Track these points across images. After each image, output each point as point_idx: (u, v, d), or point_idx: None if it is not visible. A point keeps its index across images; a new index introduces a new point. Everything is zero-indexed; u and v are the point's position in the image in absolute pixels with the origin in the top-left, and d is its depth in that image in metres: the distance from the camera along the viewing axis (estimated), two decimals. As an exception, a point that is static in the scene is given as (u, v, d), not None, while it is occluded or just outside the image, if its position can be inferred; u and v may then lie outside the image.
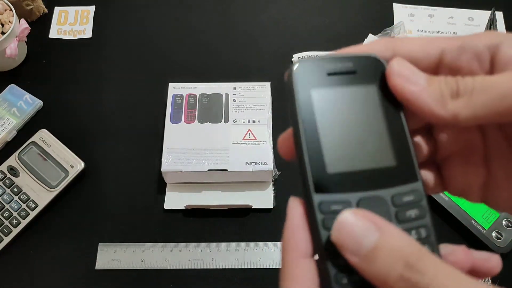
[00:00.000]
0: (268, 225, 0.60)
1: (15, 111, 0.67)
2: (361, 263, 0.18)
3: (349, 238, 0.18)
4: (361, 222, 0.18)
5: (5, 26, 0.65)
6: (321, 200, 0.20)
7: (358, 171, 0.21)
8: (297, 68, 0.22)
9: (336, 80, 0.22)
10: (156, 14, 0.76)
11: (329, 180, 0.20)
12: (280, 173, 0.62)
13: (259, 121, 0.62)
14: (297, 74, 0.22)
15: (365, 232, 0.18)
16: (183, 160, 0.59)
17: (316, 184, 0.20)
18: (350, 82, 0.22)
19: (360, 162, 0.21)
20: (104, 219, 0.61)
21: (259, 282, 0.57)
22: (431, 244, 0.20)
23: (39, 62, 0.72)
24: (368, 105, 0.22)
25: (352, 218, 0.19)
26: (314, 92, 0.21)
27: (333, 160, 0.21)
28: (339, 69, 0.22)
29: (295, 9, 0.76)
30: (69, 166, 0.61)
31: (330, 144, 0.21)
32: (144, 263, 0.58)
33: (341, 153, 0.21)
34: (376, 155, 0.21)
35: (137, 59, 0.72)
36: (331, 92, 0.22)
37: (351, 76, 0.22)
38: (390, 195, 0.20)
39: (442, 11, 0.75)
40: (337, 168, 0.20)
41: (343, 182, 0.20)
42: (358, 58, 0.22)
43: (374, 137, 0.21)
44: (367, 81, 0.22)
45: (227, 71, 0.71)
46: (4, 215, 0.59)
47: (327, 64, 0.22)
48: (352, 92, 0.22)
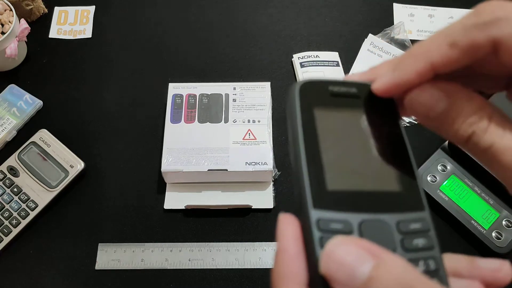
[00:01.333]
0: (268, 225, 0.60)
1: (15, 111, 0.67)
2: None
3: (340, 269, 0.16)
4: (353, 250, 0.17)
5: (5, 26, 0.65)
6: (319, 217, 0.18)
7: (360, 191, 0.19)
8: (302, 85, 0.21)
9: (339, 101, 0.21)
10: (156, 14, 0.76)
11: (329, 197, 0.19)
12: (280, 173, 0.62)
13: (259, 121, 0.62)
14: (301, 91, 0.21)
15: (358, 261, 0.16)
16: (183, 160, 0.59)
17: (315, 199, 0.19)
18: (353, 105, 0.22)
19: (363, 182, 0.20)
20: (104, 219, 0.61)
21: (259, 282, 0.57)
22: (441, 279, 0.18)
23: (39, 62, 0.72)
24: (371, 129, 0.21)
25: (342, 246, 0.17)
26: (317, 110, 0.21)
27: (334, 177, 0.19)
28: (343, 92, 0.22)
29: (295, 9, 0.76)
30: (69, 166, 0.61)
31: (331, 161, 0.20)
32: (144, 263, 0.58)
33: (343, 172, 0.20)
34: (380, 178, 0.20)
35: (137, 59, 0.72)
36: (333, 112, 0.21)
37: (354, 100, 0.22)
38: (395, 220, 0.19)
39: (442, 11, 0.75)
40: (338, 186, 0.19)
41: (344, 201, 0.19)
42: (362, 85, 0.22)
43: (378, 160, 0.20)
44: (370, 107, 0.22)
45: (227, 71, 0.71)
46: (4, 215, 0.59)
47: (331, 85, 0.22)
48: (354, 115, 0.21)
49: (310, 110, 0.21)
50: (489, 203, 0.57)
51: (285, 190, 0.62)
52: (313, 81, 0.22)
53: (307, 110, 0.21)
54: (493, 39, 0.18)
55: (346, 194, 0.19)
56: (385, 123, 0.21)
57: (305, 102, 0.21)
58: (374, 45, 0.70)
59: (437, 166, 0.60)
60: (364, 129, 0.21)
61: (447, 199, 0.58)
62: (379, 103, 0.22)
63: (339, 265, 0.17)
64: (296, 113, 0.21)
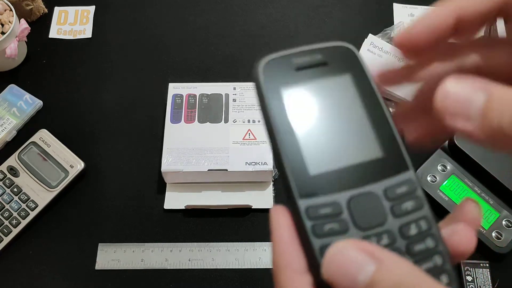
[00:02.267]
0: (268, 225, 0.60)
1: (15, 111, 0.67)
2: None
3: (342, 275, 0.16)
4: (353, 255, 0.16)
5: (5, 26, 0.65)
6: (307, 205, 0.18)
7: (343, 168, 0.19)
8: (262, 66, 0.20)
9: (306, 74, 0.20)
10: (156, 14, 0.76)
11: (313, 183, 0.19)
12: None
13: (259, 121, 0.62)
14: (263, 73, 0.20)
15: (360, 266, 0.16)
16: (183, 160, 0.59)
17: (300, 189, 0.19)
18: (322, 75, 0.20)
19: (344, 158, 0.19)
20: (104, 219, 0.61)
21: (259, 282, 0.57)
22: (434, 237, 0.19)
23: (39, 62, 0.72)
24: (344, 96, 0.20)
25: (343, 252, 0.17)
26: (284, 90, 0.20)
27: (314, 161, 0.19)
28: (308, 63, 0.20)
29: (295, 9, 0.76)
30: (69, 166, 0.61)
31: (309, 144, 0.19)
32: (144, 263, 0.58)
33: (322, 152, 0.19)
34: (360, 148, 0.19)
35: (137, 59, 0.72)
36: (302, 88, 0.20)
37: (322, 69, 0.20)
38: (382, 188, 0.19)
39: (442, 11, 0.75)
40: (320, 168, 0.19)
41: (328, 183, 0.19)
42: (326, 49, 0.21)
43: (355, 130, 0.20)
44: (339, 72, 0.21)
45: (227, 71, 0.71)
46: (4, 215, 0.59)
47: (295, 58, 0.21)
48: (325, 85, 0.20)
49: (277, 91, 0.20)
50: (489, 203, 0.57)
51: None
52: (275, 58, 0.21)
53: (274, 92, 0.20)
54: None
55: (329, 174, 0.19)
56: (357, 86, 0.20)
57: (270, 84, 0.20)
58: (374, 45, 0.70)
59: (437, 166, 0.60)
60: (336, 99, 0.20)
61: (447, 199, 0.58)
62: (347, 65, 0.21)
63: (340, 271, 0.17)
64: (264, 99, 0.20)
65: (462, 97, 0.17)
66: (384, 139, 0.20)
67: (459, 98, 0.17)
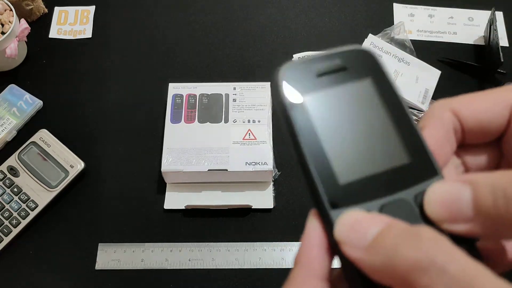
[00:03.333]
0: (268, 225, 0.60)
1: (15, 111, 0.67)
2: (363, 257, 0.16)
3: (352, 230, 0.17)
4: (364, 214, 0.17)
5: (5, 26, 0.65)
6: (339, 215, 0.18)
7: (373, 175, 0.19)
8: (282, 76, 0.20)
9: (327, 80, 0.20)
10: (156, 14, 0.76)
11: (343, 193, 0.18)
12: (280, 173, 0.62)
13: (259, 121, 0.62)
14: (284, 84, 0.20)
15: (369, 222, 0.17)
16: (183, 160, 0.59)
17: (331, 200, 0.18)
18: (343, 80, 0.20)
19: (372, 165, 0.19)
20: (104, 219, 0.61)
21: (259, 282, 0.57)
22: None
23: (39, 62, 0.72)
24: (366, 101, 0.20)
25: (357, 213, 0.17)
26: (306, 98, 0.20)
27: (343, 169, 0.19)
28: (328, 68, 0.20)
29: (295, 9, 0.76)
30: (69, 166, 0.61)
31: (336, 152, 0.19)
32: (144, 263, 0.58)
33: (350, 160, 0.19)
34: (387, 155, 0.19)
35: (137, 59, 0.72)
36: (324, 94, 0.20)
37: (342, 74, 0.20)
38: (413, 194, 0.18)
39: (442, 11, 0.75)
40: (350, 177, 0.19)
41: (359, 191, 0.18)
42: (345, 53, 0.21)
43: (381, 136, 0.19)
44: (360, 76, 0.20)
45: (227, 71, 0.71)
46: (4, 215, 0.59)
47: (314, 65, 0.20)
48: (346, 90, 0.20)
49: (300, 99, 0.20)
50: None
51: (285, 190, 0.62)
52: (294, 65, 0.20)
53: (297, 100, 0.20)
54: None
55: (359, 183, 0.19)
56: (378, 91, 0.20)
57: (292, 92, 0.20)
58: (374, 45, 0.70)
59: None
60: (359, 105, 0.20)
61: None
62: (368, 69, 0.20)
63: (351, 227, 0.17)
64: (286, 107, 0.20)
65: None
66: (410, 144, 0.19)
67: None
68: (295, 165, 0.63)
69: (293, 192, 0.62)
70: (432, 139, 0.20)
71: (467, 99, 0.20)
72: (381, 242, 0.16)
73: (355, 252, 0.17)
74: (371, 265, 0.16)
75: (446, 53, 0.71)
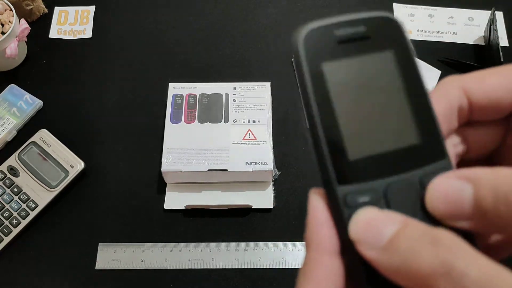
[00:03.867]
0: (268, 225, 0.60)
1: (15, 111, 0.67)
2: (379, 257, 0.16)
3: (367, 229, 0.17)
4: (379, 214, 0.17)
5: (5, 26, 0.65)
6: (346, 192, 0.18)
7: (382, 153, 0.18)
8: (303, 38, 0.19)
9: (348, 48, 0.19)
10: (156, 14, 0.76)
11: (352, 169, 0.18)
12: (280, 173, 0.62)
13: (259, 121, 0.62)
14: (303, 46, 0.19)
15: (385, 221, 0.17)
16: (183, 160, 0.59)
17: (339, 175, 0.18)
18: (365, 50, 0.19)
19: (383, 143, 0.19)
20: (104, 219, 0.61)
21: (259, 282, 0.57)
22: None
23: (39, 62, 0.72)
24: (386, 75, 0.19)
25: (369, 212, 0.17)
26: (325, 65, 0.19)
27: (354, 145, 0.18)
28: (351, 35, 0.19)
29: (295, 9, 0.76)
30: (69, 166, 0.61)
31: (350, 127, 0.18)
32: (144, 263, 0.58)
33: (363, 136, 0.18)
34: (399, 134, 0.19)
35: (137, 59, 0.72)
36: (344, 63, 0.19)
37: (365, 42, 0.19)
38: (418, 177, 0.18)
39: (442, 11, 0.75)
40: (360, 153, 0.18)
41: (368, 169, 0.18)
42: (371, 20, 0.20)
43: (396, 113, 0.19)
44: (383, 47, 0.19)
45: (227, 71, 0.71)
46: (4, 215, 0.59)
47: (337, 30, 0.20)
48: (367, 61, 0.19)
49: (318, 66, 0.19)
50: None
51: (285, 190, 0.62)
52: (315, 28, 0.19)
53: (315, 67, 0.19)
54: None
55: (368, 160, 0.18)
56: (400, 65, 0.19)
57: (311, 57, 0.19)
58: (374, 45, 0.70)
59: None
60: (378, 79, 0.19)
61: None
62: (391, 40, 0.20)
63: (366, 226, 0.17)
64: (303, 73, 0.19)
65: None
66: (424, 124, 0.19)
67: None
68: (295, 165, 0.63)
69: (293, 192, 0.62)
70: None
71: (478, 75, 0.20)
72: (399, 243, 0.16)
73: (371, 252, 0.16)
74: (388, 265, 0.16)
75: (446, 53, 0.71)
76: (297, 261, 0.58)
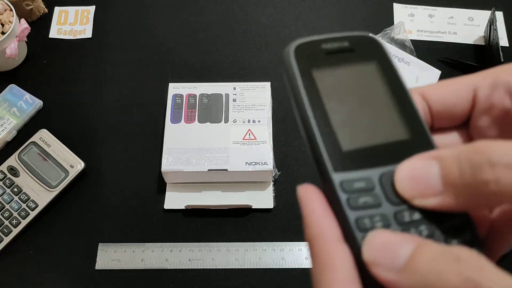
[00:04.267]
0: (268, 225, 0.60)
1: (15, 111, 0.67)
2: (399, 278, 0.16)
3: (382, 251, 0.17)
4: (393, 234, 0.17)
5: (5, 26, 0.65)
6: (342, 179, 0.19)
7: (374, 146, 0.20)
8: (293, 49, 0.21)
9: (335, 58, 0.22)
10: (156, 14, 0.76)
11: (346, 158, 0.19)
12: (280, 173, 0.62)
13: (259, 121, 0.62)
14: (294, 55, 0.21)
15: (400, 242, 0.16)
16: (183, 160, 0.59)
17: (334, 163, 0.19)
18: (350, 60, 0.22)
19: (374, 137, 0.20)
20: (104, 219, 0.61)
21: (259, 282, 0.57)
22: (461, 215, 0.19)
23: (39, 62, 0.72)
24: (371, 80, 0.21)
25: (383, 233, 0.17)
26: (314, 71, 0.21)
27: (346, 138, 0.20)
28: (336, 49, 0.22)
29: (295, 9, 0.76)
30: (69, 166, 0.61)
31: (341, 122, 0.20)
32: (144, 263, 0.58)
33: (353, 130, 0.20)
34: (388, 129, 0.20)
35: (137, 59, 0.72)
36: (332, 70, 0.21)
37: (349, 54, 0.22)
38: None
39: (442, 11, 0.75)
40: (352, 145, 0.20)
41: (360, 159, 0.19)
42: (353, 37, 0.22)
43: (384, 112, 0.21)
44: (366, 58, 0.22)
45: (227, 71, 0.71)
46: (4, 215, 0.59)
47: (324, 43, 0.22)
48: (353, 69, 0.22)
49: (309, 73, 0.21)
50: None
51: (285, 190, 0.62)
52: (305, 42, 0.22)
53: (306, 73, 0.21)
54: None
55: (360, 151, 0.20)
56: (383, 72, 0.22)
57: (302, 65, 0.21)
58: (374, 45, 0.70)
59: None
60: (365, 83, 0.21)
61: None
62: (373, 53, 0.22)
63: (381, 248, 0.17)
64: (296, 78, 0.21)
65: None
66: (410, 121, 0.20)
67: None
68: (295, 165, 0.63)
69: (293, 192, 0.62)
70: None
71: (435, 84, 0.22)
72: (418, 264, 0.16)
73: (388, 274, 0.16)
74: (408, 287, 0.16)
75: (446, 53, 0.71)
76: (297, 261, 0.58)
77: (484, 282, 0.14)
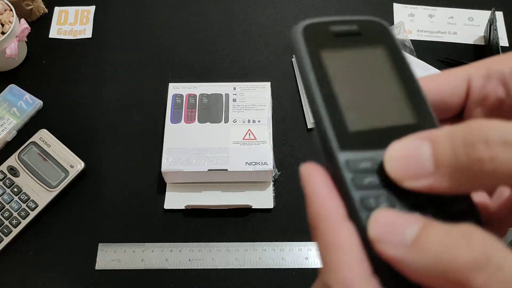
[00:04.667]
0: (268, 225, 0.60)
1: (15, 111, 0.67)
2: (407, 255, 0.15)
3: (389, 229, 0.16)
4: (400, 214, 0.17)
5: (5, 26, 0.65)
6: (347, 158, 0.19)
7: (380, 128, 0.20)
8: (301, 29, 0.21)
9: (343, 40, 0.22)
10: (156, 14, 0.76)
11: (352, 138, 0.19)
12: (280, 173, 0.62)
13: (259, 121, 0.62)
14: (302, 35, 0.21)
15: (407, 221, 0.16)
16: (183, 160, 0.59)
17: (340, 142, 0.19)
18: (358, 43, 0.22)
19: (381, 120, 0.20)
20: (104, 219, 0.61)
21: (259, 282, 0.57)
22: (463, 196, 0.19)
23: (39, 62, 0.72)
24: (379, 64, 0.21)
25: (389, 211, 0.17)
26: (324, 52, 0.21)
27: (353, 118, 0.20)
28: (344, 31, 0.22)
29: (295, 9, 0.76)
30: (69, 166, 0.61)
31: (348, 102, 0.20)
32: (144, 263, 0.58)
33: (361, 111, 0.20)
34: (395, 113, 0.20)
35: (137, 59, 0.72)
36: (340, 51, 0.21)
37: (357, 37, 0.22)
38: None
39: (442, 11, 0.75)
40: (359, 126, 0.20)
41: (367, 139, 0.19)
42: (361, 21, 0.22)
43: (390, 95, 0.21)
44: (373, 42, 0.22)
45: (227, 71, 0.71)
46: (4, 215, 0.59)
47: (333, 25, 0.22)
48: (361, 52, 0.22)
49: (317, 53, 0.21)
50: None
51: (285, 190, 0.62)
52: (314, 23, 0.22)
53: (314, 53, 0.21)
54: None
55: (367, 132, 0.20)
56: (390, 57, 0.22)
57: (310, 45, 0.21)
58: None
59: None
60: (373, 67, 0.21)
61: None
62: (381, 38, 0.22)
63: (387, 225, 0.16)
64: (304, 58, 0.21)
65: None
66: (417, 106, 0.21)
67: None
68: (295, 165, 0.63)
69: (293, 192, 0.62)
70: None
71: (431, 76, 0.22)
72: (427, 241, 0.15)
73: (394, 251, 0.16)
74: (416, 264, 0.15)
75: (446, 53, 0.71)
76: (297, 261, 0.58)
77: (495, 256, 0.14)
